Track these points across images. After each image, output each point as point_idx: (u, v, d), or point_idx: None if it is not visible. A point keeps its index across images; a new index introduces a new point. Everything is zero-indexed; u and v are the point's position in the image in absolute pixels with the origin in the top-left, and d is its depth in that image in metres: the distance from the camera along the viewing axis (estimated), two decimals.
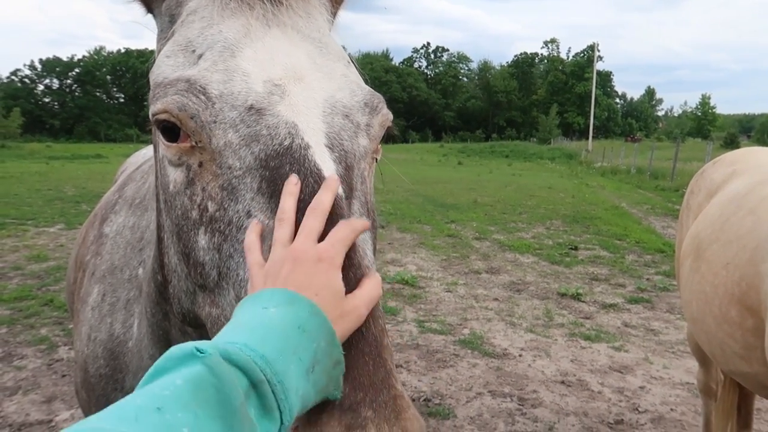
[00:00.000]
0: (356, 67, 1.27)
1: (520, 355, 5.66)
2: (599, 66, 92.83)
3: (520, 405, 4.57)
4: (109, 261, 1.72)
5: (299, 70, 1.08)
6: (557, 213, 15.40)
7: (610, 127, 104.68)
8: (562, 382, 5.04)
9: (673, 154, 27.00)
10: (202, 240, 1.02)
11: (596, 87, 70.21)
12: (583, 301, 7.56)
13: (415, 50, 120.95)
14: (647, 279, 8.76)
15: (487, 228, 12.78)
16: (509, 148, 61.75)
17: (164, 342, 1.44)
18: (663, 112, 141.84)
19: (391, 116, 1.21)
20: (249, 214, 0.97)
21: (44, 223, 11.50)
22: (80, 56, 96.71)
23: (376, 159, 1.20)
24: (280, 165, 0.97)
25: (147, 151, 3.20)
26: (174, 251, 1.15)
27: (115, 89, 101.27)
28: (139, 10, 1.35)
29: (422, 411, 4.40)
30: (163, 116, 1.02)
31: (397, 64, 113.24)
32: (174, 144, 1.04)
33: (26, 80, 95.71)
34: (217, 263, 1.00)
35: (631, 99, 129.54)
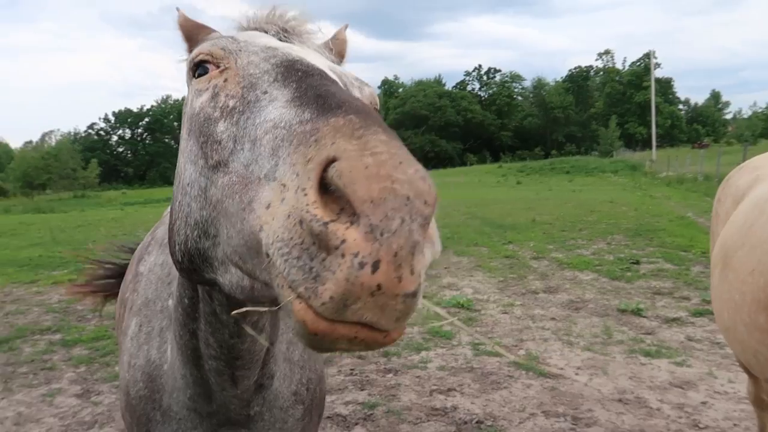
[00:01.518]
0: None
1: (576, 374, 5.57)
2: (658, 73, 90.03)
3: (573, 425, 4.51)
4: (144, 295, 1.94)
5: (307, 52, 1.34)
6: (619, 227, 14.98)
7: (675, 134, 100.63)
8: (619, 400, 4.93)
9: (741, 158, 25.74)
10: (221, 126, 1.14)
11: (656, 95, 67.92)
12: (644, 317, 7.35)
13: (467, 73, 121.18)
14: None
15: (546, 247, 12.60)
16: (570, 164, 60.43)
17: (194, 362, 1.62)
18: (731, 115, 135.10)
19: (377, 100, 1.42)
20: (266, 92, 1.10)
21: None
22: (149, 106, 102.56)
23: None
24: (292, 65, 1.15)
25: None
26: (189, 163, 1.24)
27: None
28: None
29: None
30: (198, 58, 1.26)
31: (450, 89, 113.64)
32: (204, 76, 1.25)
33: (101, 132, 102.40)
34: (233, 133, 1.10)
35: (696, 104, 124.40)
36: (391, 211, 0.78)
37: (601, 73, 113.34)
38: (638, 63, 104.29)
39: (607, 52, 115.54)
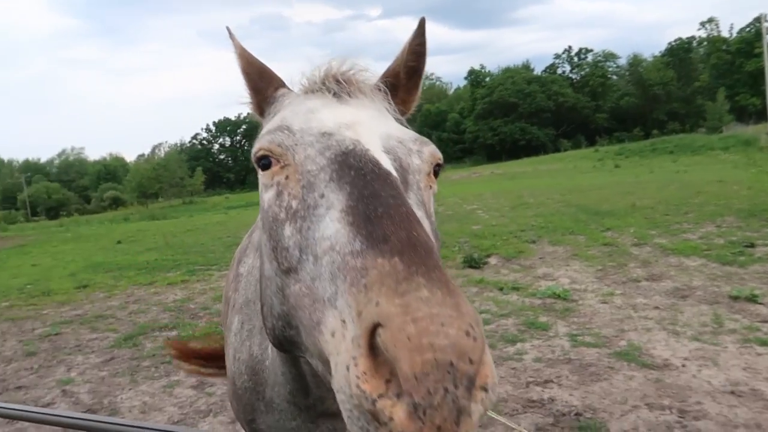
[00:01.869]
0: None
1: (683, 366, 5.31)
2: None
3: (680, 417, 4.32)
4: (244, 295, 2.11)
5: (362, 119, 1.41)
6: (730, 208, 13.94)
7: None
8: (732, 393, 4.65)
9: None
10: (288, 230, 1.24)
11: None
12: (761, 303, 6.84)
13: (557, 56, 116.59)
14: None
15: (647, 233, 11.99)
16: (673, 143, 56.63)
17: (291, 362, 1.73)
18: None
19: (440, 154, 1.45)
20: (323, 196, 1.19)
21: (225, 268, 13.02)
22: (245, 114, 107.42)
23: (432, 190, 1.43)
24: (346, 159, 1.23)
25: None
26: (267, 259, 1.37)
27: None
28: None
29: (573, 425, 4.35)
30: (259, 153, 1.36)
31: (539, 74, 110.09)
32: (268, 170, 1.35)
33: (204, 142, 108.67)
34: (299, 242, 1.20)
35: None
36: (434, 384, 0.85)
37: (705, 43, 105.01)
38: (748, 29, 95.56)
39: (711, 21, 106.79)
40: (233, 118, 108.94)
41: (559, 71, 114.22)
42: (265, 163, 1.35)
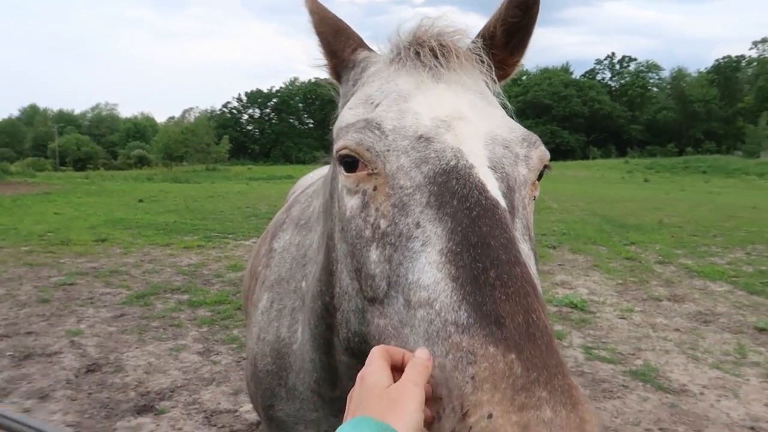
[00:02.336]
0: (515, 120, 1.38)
1: (701, 393, 5.12)
2: None
3: None
4: (277, 272, 1.97)
5: (462, 111, 1.23)
6: (762, 236, 13.54)
7: None
8: (752, 428, 4.45)
9: None
10: (374, 254, 1.12)
11: None
12: None
13: (598, 61, 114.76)
14: None
15: (673, 251, 11.69)
16: (707, 163, 55.46)
17: (324, 349, 1.60)
18: None
19: (548, 154, 1.29)
20: (418, 225, 1.06)
21: (242, 237, 13.04)
22: (277, 87, 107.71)
23: (535, 197, 1.27)
24: (447, 180, 1.07)
25: (313, 175, 3.56)
26: (346, 273, 1.26)
27: (305, 116, 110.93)
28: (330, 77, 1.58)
29: None
30: (343, 152, 1.19)
31: (577, 77, 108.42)
32: (352, 174, 1.19)
33: (234, 111, 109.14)
34: (387, 273, 1.08)
35: None
36: None
37: (755, 63, 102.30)
38: None
39: (765, 41, 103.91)
40: (265, 90, 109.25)
41: (599, 77, 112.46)
42: (349, 162, 1.20)
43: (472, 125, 1.19)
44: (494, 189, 1.09)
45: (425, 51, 1.30)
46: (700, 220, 16.39)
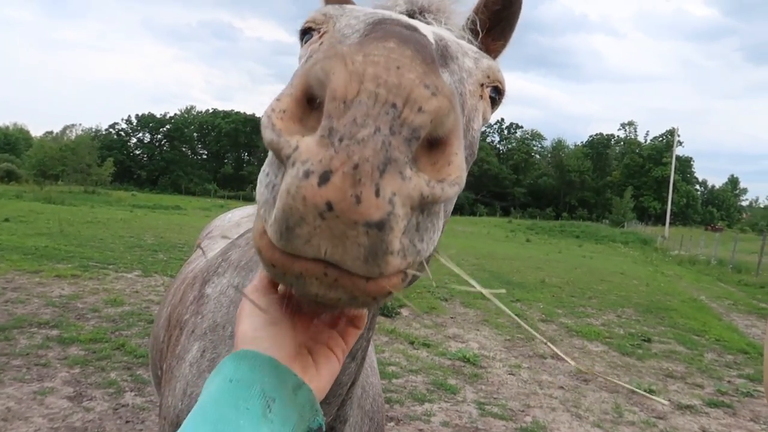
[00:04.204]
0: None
1: None
2: (679, 151, 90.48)
3: None
4: (211, 319, 1.78)
5: (429, 26, 1.20)
6: (629, 301, 14.73)
7: (689, 214, 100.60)
8: None
9: (758, 247, 25.50)
10: None
11: (675, 172, 68.16)
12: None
13: (489, 125, 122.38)
14: (728, 381, 8.13)
15: (554, 310, 12.36)
16: (580, 229, 60.24)
17: None
18: (747, 203, 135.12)
19: (503, 77, 1.22)
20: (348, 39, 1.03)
21: (123, 269, 12.10)
22: (172, 113, 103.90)
23: (485, 118, 1.23)
24: (381, 21, 1.00)
25: (232, 215, 3.36)
26: None
27: (200, 146, 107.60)
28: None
29: None
30: (304, 26, 1.21)
31: None
32: (306, 43, 1.20)
33: (122, 133, 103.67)
34: None
35: (713, 187, 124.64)
36: (362, 117, 0.64)
37: (622, 143, 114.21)
38: (660, 138, 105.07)
39: (630, 123, 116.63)
40: (158, 115, 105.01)
41: (489, 139, 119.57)
42: (308, 38, 1.21)
43: (432, 29, 1.16)
44: (427, 33, 1.03)
45: (414, 9, 1.30)
46: (577, 282, 17.57)
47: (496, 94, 1.23)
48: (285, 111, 0.70)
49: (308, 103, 0.71)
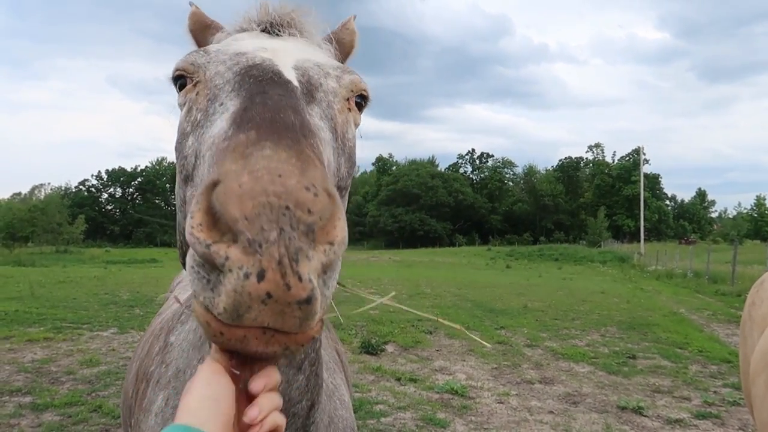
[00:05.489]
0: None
1: None
2: (646, 168, 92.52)
3: None
4: (175, 366, 1.74)
5: (287, 45, 1.38)
6: (612, 319, 14.79)
7: (662, 229, 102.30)
8: None
9: (731, 256, 25.96)
10: (190, 140, 1.23)
11: (644, 189, 69.55)
12: (646, 416, 7.06)
13: (461, 156, 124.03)
14: (714, 392, 8.15)
15: (539, 335, 12.34)
16: (558, 251, 60.75)
17: None
18: (717, 214, 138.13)
19: (365, 86, 1.40)
20: (222, 104, 1.17)
21: (99, 327, 11.79)
22: (143, 167, 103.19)
23: (357, 123, 1.40)
24: (249, 70, 1.21)
25: None
26: (178, 180, 1.32)
27: (172, 197, 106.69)
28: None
29: None
30: (175, 73, 1.33)
31: (442, 170, 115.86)
32: (182, 90, 1.33)
33: (92, 189, 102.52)
34: (195, 149, 1.19)
35: (682, 201, 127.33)
36: (267, 223, 0.81)
37: (591, 165, 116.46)
38: (627, 158, 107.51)
39: (597, 146, 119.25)
40: (129, 169, 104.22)
41: (462, 170, 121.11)
42: (182, 83, 1.34)
43: (290, 52, 1.34)
44: (291, 75, 1.23)
45: (266, 21, 1.47)
46: (559, 305, 17.62)
47: (362, 100, 1.42)
48: (201, 224, 0.86)
49: (213, 213, 0.86)
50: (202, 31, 1.63)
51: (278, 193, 0.82)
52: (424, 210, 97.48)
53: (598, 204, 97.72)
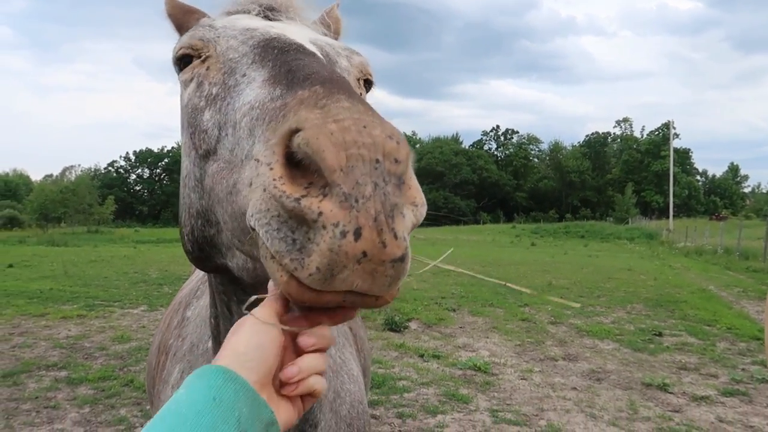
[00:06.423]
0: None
1: None
2: (676, 143, 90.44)
3: None
4: (190, 341, 1.81)
5: (291, 26, 1.34)
6: (638, 296, 14.64)
7: (692, 205, 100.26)
8: None
9: (764, 232, 25.37)
10: (207, 115, 1.16)
11: (674, 164, 68.06)
12: (671, 393, 7.02)
13: (485, 133, 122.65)
14: (743, 369, 8.06)
15: (563, 312, 12.28)
16: (585, 229, 60.08)
17: None
18: (750, 189, 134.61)
19: (370, 67, 1.38)
20: (244, 75, 1.12)
21: (129, 305, 12.11)
22: (169, 147, 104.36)
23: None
24: (269, 42, 1.16)
25: None
26: (185, 156, 1.27)
27: None
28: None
29: None
30: (180, 53, 1.28)
31: (466, 147, 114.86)
32: (188, 67, 1.27)
33: (121, 170, 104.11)
34: (218, 121, 1.12)
35: (714, 176, 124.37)
36: (361, 177, 0.78)
37: (619, 140, 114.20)
38: (657, 132, 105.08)
39: (625, 120, 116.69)
40: (156, 150, 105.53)
41: (486, 147, 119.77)
42: (187, 61, 1.28)
43: (298, 31, 1.30)
44: (312, 47, 1.19)
45: (256, 8, 1.41)
46: (584, 282, 17.49)
47: (368, 85, 1.40)
48: (281, 176, 0.81)
49: (288, 161, 0.83)
50: (184, 15, 1.58)
51: (368, 145, 0.79)
52: (448, 188, 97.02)
53: (626, 180, 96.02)
